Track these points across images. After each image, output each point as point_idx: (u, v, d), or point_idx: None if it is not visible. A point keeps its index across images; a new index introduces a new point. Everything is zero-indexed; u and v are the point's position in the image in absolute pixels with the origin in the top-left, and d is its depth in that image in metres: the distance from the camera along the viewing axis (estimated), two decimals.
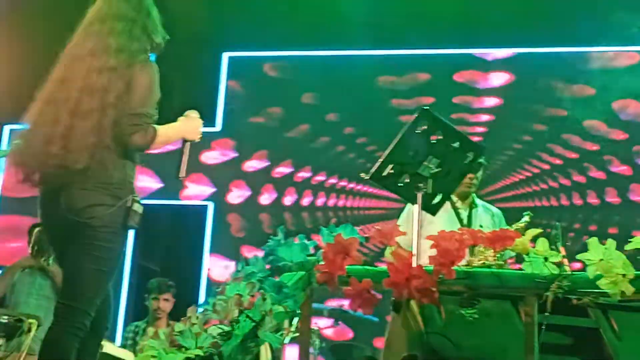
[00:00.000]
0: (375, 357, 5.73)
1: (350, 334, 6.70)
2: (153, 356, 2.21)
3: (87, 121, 3.03)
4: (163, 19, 3.44)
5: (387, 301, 2.95)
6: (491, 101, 7.70)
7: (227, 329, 2.36)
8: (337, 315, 5.80)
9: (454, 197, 4.61)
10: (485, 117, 7.68)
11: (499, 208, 4.91)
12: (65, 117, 3.05)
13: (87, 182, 3.01)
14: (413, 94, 7.67)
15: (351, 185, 7.71)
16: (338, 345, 6.18)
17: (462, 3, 7.44)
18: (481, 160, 4.48)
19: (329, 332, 5.99)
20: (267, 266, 2.67)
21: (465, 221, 4.61)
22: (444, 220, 4.40)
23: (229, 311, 2.38)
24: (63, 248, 3.10)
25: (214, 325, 2.39)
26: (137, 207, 3.05)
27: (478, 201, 4.79)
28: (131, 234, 7.86)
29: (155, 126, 3.11)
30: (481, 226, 4.43)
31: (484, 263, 3.33)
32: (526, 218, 3.74)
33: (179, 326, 2.31)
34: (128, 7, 3.31)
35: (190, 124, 3.33)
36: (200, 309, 2.44)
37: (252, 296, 2.44)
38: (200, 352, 2.22)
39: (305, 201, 7.70)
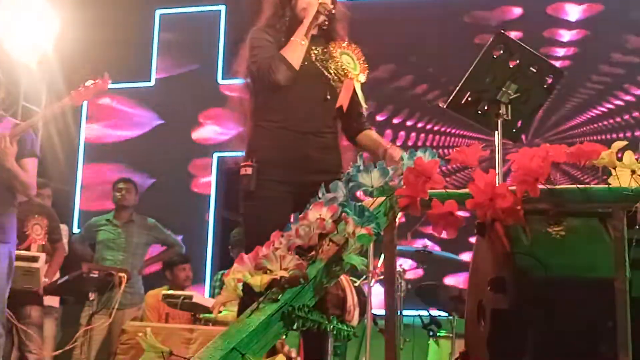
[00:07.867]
0: (462, 296, 5.68)
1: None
2: (239, 279, 2.22)
3: None
4: None
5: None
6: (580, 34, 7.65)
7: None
8: (422, 256, 5.77)
9: None
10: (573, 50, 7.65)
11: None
12: None
13: None
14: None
15: (431, 126, 7.68)
16: (424, 287, 6.15)
17: None
18: None
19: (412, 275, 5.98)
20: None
21: None
22: None
23: (311, 235, 2.38)
24: None
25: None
26: None
27: None
28: (214, 186, 8.02)
29: None
30: None
31: None
32: None
33: (263, 250, 2.31)
34: None
35: None
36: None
37: (335, 220, 2.43)
38: (285, 274, 2.22)
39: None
